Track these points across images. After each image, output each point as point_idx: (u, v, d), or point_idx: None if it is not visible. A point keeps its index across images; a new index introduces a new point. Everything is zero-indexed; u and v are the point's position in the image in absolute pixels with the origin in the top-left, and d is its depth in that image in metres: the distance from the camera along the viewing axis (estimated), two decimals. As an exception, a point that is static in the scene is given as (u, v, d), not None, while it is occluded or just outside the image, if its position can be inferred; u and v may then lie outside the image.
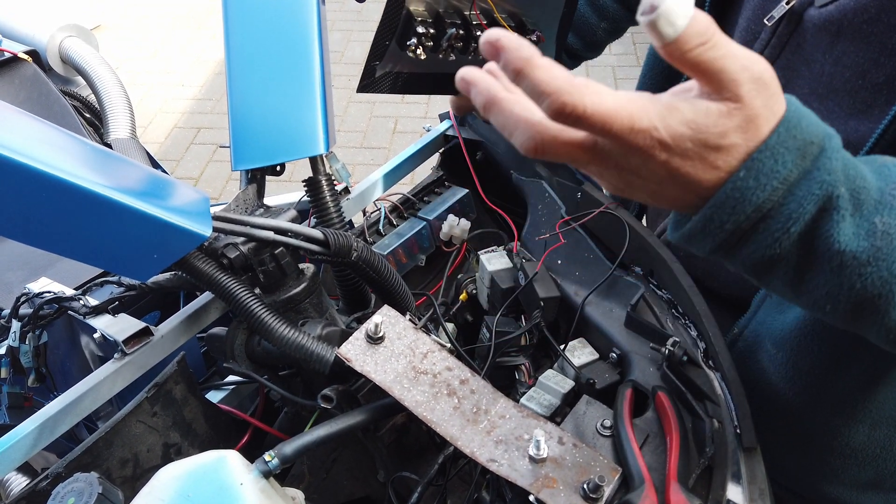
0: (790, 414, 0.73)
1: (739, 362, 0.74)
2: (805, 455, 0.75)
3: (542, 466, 0.54)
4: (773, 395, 0.74)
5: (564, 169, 0.89)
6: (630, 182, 0.43)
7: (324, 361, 0.63)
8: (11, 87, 1.28)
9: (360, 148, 3.11)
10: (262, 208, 0.73)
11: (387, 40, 0.69)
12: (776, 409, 0.74)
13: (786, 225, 0.42)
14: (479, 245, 0.90)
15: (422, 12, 0.69)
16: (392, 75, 0.73)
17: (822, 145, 0.42)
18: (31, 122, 0.60)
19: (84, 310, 0.74)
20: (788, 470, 0.79)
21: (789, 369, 0.71)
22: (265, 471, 0.55)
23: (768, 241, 0.43)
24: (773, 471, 0.81)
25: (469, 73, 0.44)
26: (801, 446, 0.75)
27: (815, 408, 0.71)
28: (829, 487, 0.76)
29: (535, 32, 0.75)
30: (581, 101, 0.39)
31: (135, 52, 3.89)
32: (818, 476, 0.76)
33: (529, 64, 0.40)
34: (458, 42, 0.71)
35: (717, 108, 0.40)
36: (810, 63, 0.65)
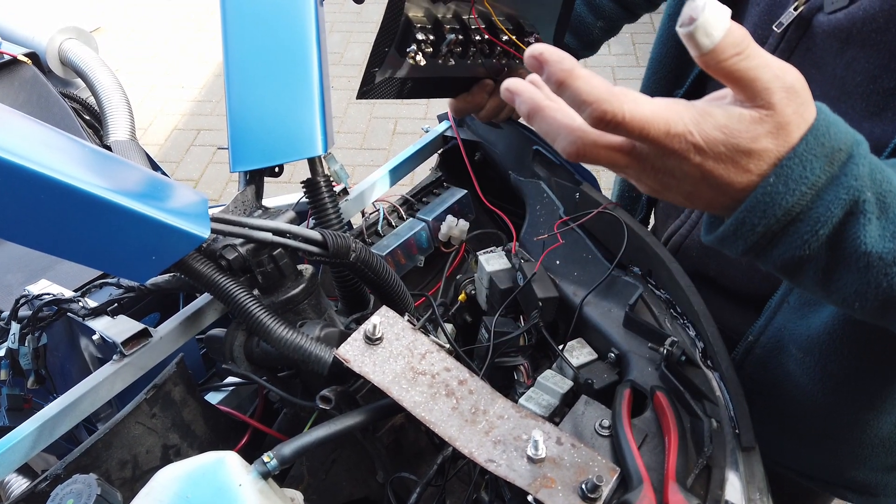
0: (819, 412, 0.74)
1: (759, 367, 0.75)
2: (834, 448, 0.77)
3: (541, 466, 0.54)
4: (801, 397, 0.75)
5: (562, 170, 0.90)
6: (666, 184, 0.46)
7: (322, 362, 0.63)
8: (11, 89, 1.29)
9: (360, 149, 3.12)
10: (260, 210, 0.73)
11: (386, 47, 0.69)
12: (803, 409, 0.76)
13: (814, 228, 0.44)
14: (478, 246, 0.90)
15: (421, 18, 0.69)
16: (391, 81, 0.74)
17: (850, 151, 0.44)
18: (30, 125, 0.60)
19: (83, 312, 0.74)
20: (815, 462, 0.81)
21: (818, 372, 0.71)
22: (264, 472, 0.55)
23: (797, 243, 0.45)
24: (798, 462, 0.83)
25: (514, 84, 0.47)
26: (829, 441, 0.77)
27: (845, 405, 0.73)
28: (855, 473, 0.79)
29: (532, 35, 0.75)
30: (620, 109, 0.42)
31: (134, 54, 3.89)
32: (846, 465, 0.78)
33: (571, 75, 0.42)
34: (458, 47, 0.71)
35: (749, 115, 0.42)
36: (821, 67, 0.65)
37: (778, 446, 0.83)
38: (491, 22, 0.72)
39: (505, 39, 0.73)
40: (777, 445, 0.83)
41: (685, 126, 0.42)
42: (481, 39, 0.72)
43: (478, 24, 0.72)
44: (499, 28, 0.72)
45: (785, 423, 0.79)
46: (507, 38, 0.73)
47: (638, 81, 0.94)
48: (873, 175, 0.45)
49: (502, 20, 0.74)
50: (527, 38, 0.75)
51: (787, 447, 0.83)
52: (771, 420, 0.81)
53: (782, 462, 0.86)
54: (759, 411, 0.79)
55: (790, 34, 0.68)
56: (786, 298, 0.73)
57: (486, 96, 0.86)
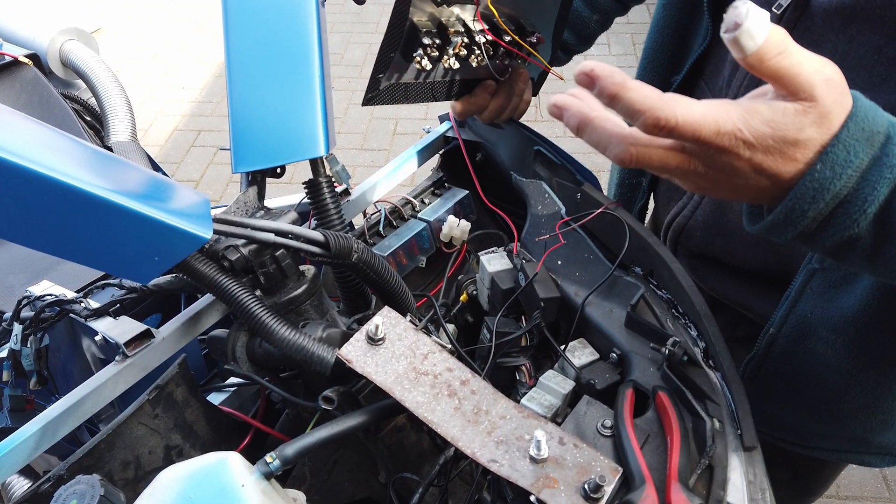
0: (853, 389, 0.77)
1: (784, 357, 0.77)
2: (865, 419, 0.80)
3: (543, 467, 0.54)
4: (833, 377, 0.77)
5: (564, 170, 0.90)
6: (715, 181, 0.49)
7: (324, 363, 0.63)
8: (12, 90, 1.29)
9: (361, 150, 3.12)
10: (262, 210, 0.73)
11: (391, 52, 0.69)
12: (836, 389, 0.78)
13: (862, 207, 0.47)
14: (480, 246, 0.90)
15: (425, 23, 0.69)
16: (396, 86, 0.74)
17: (888, 133, 0.47)
18: (32, 126, 0.60)
19: (85, 312, 0.74)
20: (844, 436, 0.84)
21: (853, 349, 0.74)
22: (266, 472, 0.55)
23: (847, 224, 0.48)
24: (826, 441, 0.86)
25: (561, 100, 0.51)
26: (861, 413, 0.80)
27: (880, 377, 0.76)
28: (882, 438, 0.83)
29: (534, 34, 0.75)
30: (673, 114, 0.45)
31: (135, 54, 3.90)
32: (876, 432, 0.82)
33: (623, 87, 0.46)
34: (462, 50, 0.71)
35: (793, 108, 0.45)
36: (821, 44, 0.67)
37: (806, 430, 0.85)
38: (494, 23, 0.72)
39: (508, 40, 0.73)
40: (805, 430, 0.85)
41: (734, 124, 0.45)
42: (485, 41, 0.72)
43: (482, 25, 0.72)
44: (502, 29, 0.72)
45: (815, 406, 0.81)
46: (511, 38, 0.73)
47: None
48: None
49: (504, 20, 0.74)
50: (528, 37, 0.75)
51: (815, 429, 0.85)
52: (798, 407, 0.82)
53: (810, 444, 0.87)
54: (786, 400, 0.82)
55: (789, 14, 0.69)
56: (807, 285, 0.73)
57: (489, 97, 0.86)
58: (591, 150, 1.23)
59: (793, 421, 0.85)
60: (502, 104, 0.88)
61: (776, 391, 0.83)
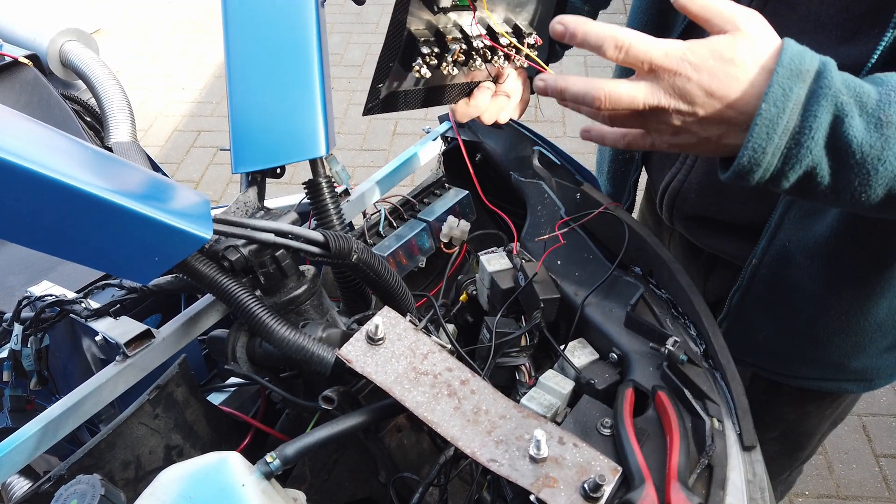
0: (829, 311, 0.84)
1: (766, 285, 0.85)
2: (840, 343, 0.86)
3: (543, 466, 0.54)
4: (810, 301, 0.83)
5: (563, 170, 0.90)
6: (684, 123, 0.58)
7: (324, 363, 0.63)
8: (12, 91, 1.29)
9: (361, 150, 3.12)
10: (262, 211, 0.73)
11: (390, 62, 0.70)
12: (813, 313, 0.84)
13: (810, 134, 0.54)
14: (479, 246, 0.90)
15: (423, 31, 0.69)
16: (396, 95, 0.74)
17: (819, 69, 0.54)
18: (32, 126, 0.60)
19: (86, 313, 0.75)
20: (823, 361, 0.90)
21: (826, 273, 0.80)
22: (267, 472, 0.55)
23: (802, 153, 0.55)
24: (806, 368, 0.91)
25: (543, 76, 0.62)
26: (837, 337, 0.86)
27: (851, 298, 0.82)
28: (857, 362, 0.89)
29: (532, 35, 0.76)
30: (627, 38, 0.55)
31: (135, 55, 3.90)
32: (850, 355, 0.88)
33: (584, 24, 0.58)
34: (461, 56, 0.72)
35: (724, 37, 0.55)
36: (794, 7, 0.73)
37: (788, 357, 0.91)
38: (490, 27, 0.73)
39: (506, 43, 0.74)
40: (788, 356, 0.91)
41: (679, 49, 0.55)
42: (483, 46, 0.72)
43: (479, 30, 0.72)
44: (499, 33, 0.73)
45: (796, 331, 0.87)
46: (508, 41, 0.74)
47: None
48: (846, 82, 0.55)
49: (501, 23, 0.74)
50: (526, 39, 0.76)
51: (797, 354, 0.90)
52: (780, 332, 0.88)
53: (793, 373, 0.93)
54: (770, 327, 0.88)
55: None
56: (785, 215, 0.79)
57: (488, 99, 0.86)
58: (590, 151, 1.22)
59: (777, 347, 0.90)
60: (501, 105, 0.89)
61: (760, 319, 0.88)
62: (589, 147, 3.04)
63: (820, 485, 1.86)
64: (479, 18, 0.72)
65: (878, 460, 1.91)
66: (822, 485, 1.86)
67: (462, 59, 0.72)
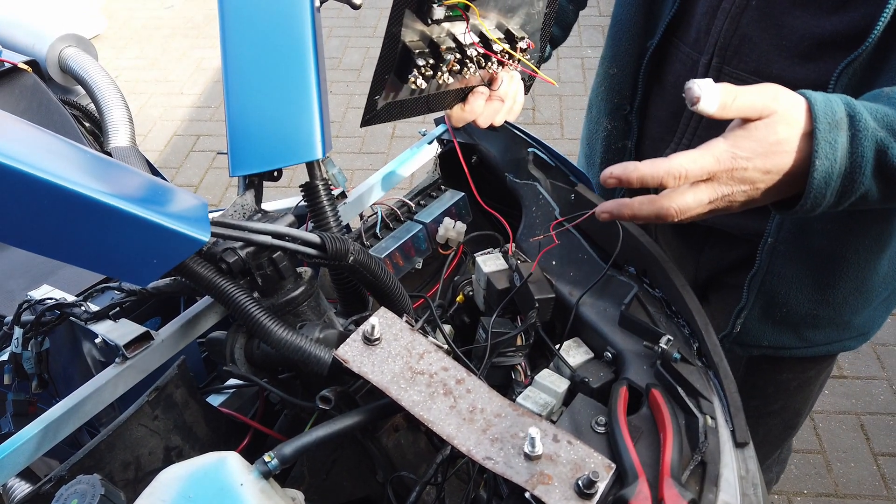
0: (845, 272, 0.89)
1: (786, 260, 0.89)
2: (853, 300, 0.92)
3: (538, 463, 0.55)
4: (830, 264, 0.89)
5: (558, 171, 0.91)
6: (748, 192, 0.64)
7: (322, 363, 0.64)
8: (12, 97, 1.29)
9: (359, 153, 3.13)
10: (259, 213, 0.74)
11: (386, 74, 0.71)
12: (834, 275, 0.89)
13: (861, 171, 0.62)
14: (475, 247, 0.90)
15: (417, 43, 0.70)
16: (393, 105, 0.75)
17: (849, 112, 0.62)
18: (31, 131, 0.61)
19: (85, 316, 0.75)
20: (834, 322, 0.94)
21: (844, 233, 0.86)
22: (265, 471, 0.56)
23: (855, 187, 0.63)
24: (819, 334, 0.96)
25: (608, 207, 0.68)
26: (851, 294, 0.91)
27: (862, 255, 0.87)
28: (859, 317, 0.96)
29: (524, 40, 0.77)
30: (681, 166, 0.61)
31: (134, 61, 3.91)
32: (856, 310, 0.94)
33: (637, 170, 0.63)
34: (455, 65, 0.73)
35: (762, 123, 0.62)
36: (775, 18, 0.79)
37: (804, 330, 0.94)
38: (483, 34, 0.74)
39: (499, 50, 0.75)
40: (804, 329, 0.94)
41: (726, 150, 0.62)
42: (477, 53, 0.73)
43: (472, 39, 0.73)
44: (492, 40, 0.74)
45: (816, 298, 0.92)
46: (501, 48, 0.75)
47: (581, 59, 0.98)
48: (875, 115, 0.63)
49: (493, 30, 0.75)
50: (518, 43, 0.77)
51: (812, 323, 0.94)
52: (801, 305, 0.92)
53: (806, 343, 0.96)
54: (790, 302, 0.91)
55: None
56: None
57: (482, 104, 0.87)
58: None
59: (795, 320, 0.94)
60: (496, 109, 0.89)
61: (780, 296, 0.92)
62: (587, 149, 3.05)
63: (818, 483, 1.87)
64: (472, 26, 0.73)
65: (877, 459, 1.92)
66: (821, 483, 1.87)
67: (457, 67, 0.73)
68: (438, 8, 0.68)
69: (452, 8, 0.69)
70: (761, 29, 0.81)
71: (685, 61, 0.91)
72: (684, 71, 0.91)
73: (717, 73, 0.87)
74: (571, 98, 3.35)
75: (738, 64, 0.85)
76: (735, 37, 0.83)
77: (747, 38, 0.83)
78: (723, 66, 0.86)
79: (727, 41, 0.84)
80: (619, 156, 1.07)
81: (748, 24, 0.82)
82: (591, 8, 1.77)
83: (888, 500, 1.82)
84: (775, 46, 0.81)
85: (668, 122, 0.96)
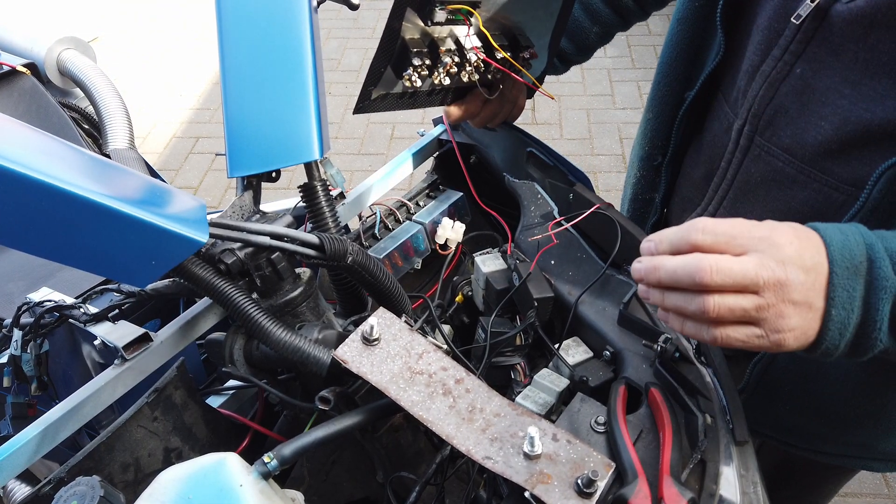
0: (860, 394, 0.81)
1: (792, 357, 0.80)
2: (871, 425, 0.85)
3: (537, 463, 0.55)
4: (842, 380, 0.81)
5: (556, 171, 0.91)
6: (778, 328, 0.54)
7: (320, 364, 0.64)
8: (10, 99, 1.30)
9: (358, 154, 3.13)
10: (258, 214, 0.74)
11: (382, 67, 0.70)
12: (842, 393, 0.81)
13: (877, 326, 0.55)
14: (474, 247, 0.90)
15: (417, 41, 0.70)
16: (387, 96, 0.75)
17: (868, 256, 0.55)
18: (30, 134, 0.61)
19: (84, 318, 0.75)
20: (851, 441, 0.88)
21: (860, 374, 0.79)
22: (264, 472, 0.56)
23: (871, 343, 0.56)
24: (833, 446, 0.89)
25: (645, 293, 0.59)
26: (867, 418, 0.84)
27: (887, 382, 0.79)
28: (884, 444, 0.87)
29: (527, 49, 0.76)
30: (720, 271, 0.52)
31: (133, 63, 3.91)
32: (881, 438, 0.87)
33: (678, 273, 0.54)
34: (453, 68, 0.73)
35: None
36: (839, 54, 0.68)
37: (812, 433, 0.88)
38: (486, 40, 0.73)
39: (500, 58, 0.74)
40: (811, 433, 0.88)
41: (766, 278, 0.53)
42: (476, 59, 0.73)
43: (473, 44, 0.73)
44: (494, 47, 0.73)
45: (822, 409, 0.84)
46: (503, 56, 0.74)
47: (633, 84, 0.96)
48: (894, 260, 0.55)
49: (497, 34, 0.75)
50: (521, 52, 0.76)
51: (821, 432, 0.87)
52: (805, 408, 0.85)
53: (815, 448, 0.90)
54: (794, 402, 0.85)
55: (807, 25, 0.69)
56: None
57: (480, 104, 0.87)
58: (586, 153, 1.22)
59: (800, 423, 0.87)
60: (494, 110, 0.89)
61: (784, 393, 0.85)
62: (585, 149, 3.05)
63: (819, 482, 1.87)
64: (476, 30, 0.73)
65: (878, 457, 1.92)
66: (822, 482, 1.87)
67: (454, 70, 0.73)
68: (440, 11, 0.67)
69: (455, 12, 0.69)
70: (800, 102, 0.71)
71: (723, 121, 0.82)
72: (721, 132, 0.82)
73: (748, 141, 0.78)
74: (570, 98, 3.35)
75: (771, 137, 0.75)
76: (771, 106, 0.74)
77: (783, 110, 0.73)
78: (754, 136, 0.77)
79: (761, 109, 0.75)
80: (645, 207, 1.01)
81: (787, 93, 0.72)
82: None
83: (889, 499, 1.82)
84: (814, 126, 0.71)
85: (700, 184, 0.88)
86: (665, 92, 0.90)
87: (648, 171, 0.97)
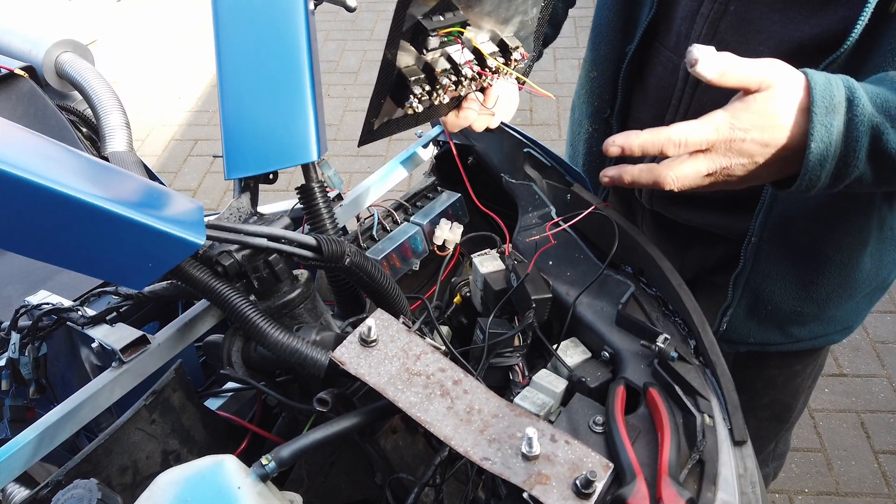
0: (828, 269, 0.90)
1: (770, 259, 0.90)
2: (837, 296, 0.93)
3: (535, 463, 0.55)
4: (811, 261, 0.90)
5: (553, 171, 0.91)
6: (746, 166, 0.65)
7: (318, 365, 0.64)
8: (9, 102, 1.29)
9: (357, 156, 3.13)
10: (255, 216, 0.74)
11: (382, 99, 0.71)
12: (814, 273, 0.90)
13: (856, 156, 0.63)
14: (472, 248, 0.90)
15: (412, 69, 0.71)
16: (389, 123, 0.76)
17: (848, 97, 0.62)
18: (29, 137, 0.61)
19: (82, 320, 0.75)
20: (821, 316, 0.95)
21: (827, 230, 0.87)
22: (262, 474, 0.55)
23: (850, 170, 0.64)
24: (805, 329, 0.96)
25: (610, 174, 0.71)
26: (835, 291, 0.92)
27: (850, 252, 0.89)
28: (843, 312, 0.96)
29: (518, 50, 0.77)
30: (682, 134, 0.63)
31: (131, 66, 3.91)
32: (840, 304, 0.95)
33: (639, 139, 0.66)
34: (451, 87, 0.73)
35: (760, 95, 0.63)
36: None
37: (789, 326, 0.95)
38: (478, 51, 0.74)
39: (494, 66, 0.75)
40: (789, 325, 0.95)
41: (725, 120, 0.63)
42: (471, 74, 0.74)
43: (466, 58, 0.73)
44: (485, 56, 0.74)
45: (800, 295, 0.93)
46: (496, 64, 0.75)
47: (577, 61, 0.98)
48: (874, 101, 0.63)
49: (486, 43, 0.76)
50: (512, 54, 0.77)
51: (797, 319, 0.95)
52: (786, 302, 0.92)
53: (792, 338, 0.97)
54: (775, 299, 0.92)
55: None
56: None
57: (476, 111, 0.87)
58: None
59: (780, 317, 0.94)
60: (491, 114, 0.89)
61: (765, 294, 0.92)
62: (584, 149, 3.05)
63: (819, 482, 1.87)
64: (467, 45, 0.73)
65: (877, 457, 1.92)
66: (822, 482, 1.87)
67: (452, 87, 0.73)
68: (433, 38, 0.68)
69: (447, 34, 0.70)
70: (739, 34, 0.81)
71: (666, 65, 0.91)
72: (666, 75, 0.91)
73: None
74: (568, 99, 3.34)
75: None
76: (714, 41, 0.83)
77: (725, 43, 0.82)
78: None
79: None
80: (601, 158, 1.08)
81: (726, 29, 0.82)
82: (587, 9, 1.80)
83: (889, 498, 1.82)
84: (753, 52, 0.80)
85: (651, 125, 0.95)
86: (606, 50, 0.99)
87: (600, 125, 1.06)
